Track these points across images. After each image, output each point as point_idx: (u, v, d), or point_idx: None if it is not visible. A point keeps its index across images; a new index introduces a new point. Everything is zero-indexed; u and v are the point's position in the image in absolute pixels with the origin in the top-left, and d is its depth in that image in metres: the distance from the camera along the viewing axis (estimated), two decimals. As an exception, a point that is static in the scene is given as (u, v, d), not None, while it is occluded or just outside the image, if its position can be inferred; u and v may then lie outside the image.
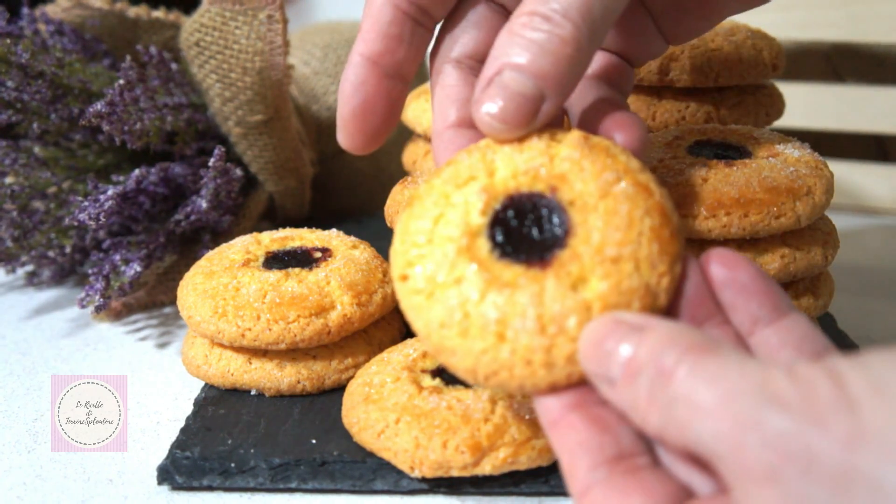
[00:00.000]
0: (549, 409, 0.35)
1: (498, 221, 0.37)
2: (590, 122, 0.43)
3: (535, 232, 0.36)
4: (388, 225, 0.58)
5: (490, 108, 0.36)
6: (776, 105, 0.63)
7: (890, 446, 0.26)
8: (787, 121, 0.76)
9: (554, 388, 0.35)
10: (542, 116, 0.37)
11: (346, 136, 0.42)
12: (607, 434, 0.34)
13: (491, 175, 0.38)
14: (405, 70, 0.41)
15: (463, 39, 0.42)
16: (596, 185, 0.36)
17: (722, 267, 0.36)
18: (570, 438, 0.34)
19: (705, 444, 0.29)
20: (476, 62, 0.42)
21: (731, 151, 0.53)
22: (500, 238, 0.36)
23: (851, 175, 0.83)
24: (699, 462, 0.33)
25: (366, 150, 0.42)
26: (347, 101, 0.41)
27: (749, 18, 0.67)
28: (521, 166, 0.37)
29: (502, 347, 0.35)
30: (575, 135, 0.38)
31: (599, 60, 0.47)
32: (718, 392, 0.29)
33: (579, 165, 0.37)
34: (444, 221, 0.37)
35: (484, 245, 0.36)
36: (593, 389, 0.35)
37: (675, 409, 0.30)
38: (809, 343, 0.35)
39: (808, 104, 0.82)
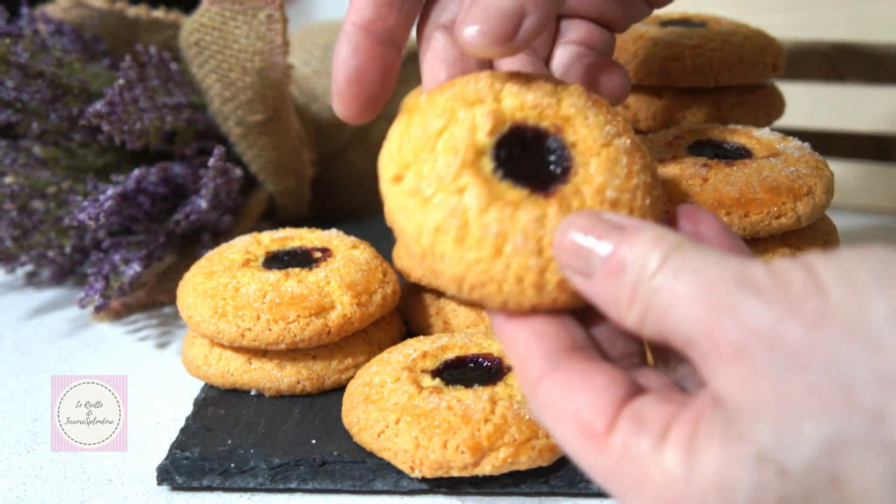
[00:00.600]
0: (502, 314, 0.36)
1: (504, 144, 0.37)
2: (575, 72, 0.46)
3: (538, 163, 0.37)
4: (389, 225, 0.58)
5: (472, 26, 0.37)
6: (776, 105, 0.63)
7: (850, 328, 0.28)
8: (787, 121, 0.76)
9: (534, 310, 0.35)
10: (523, 33, 0.37)
11: (341, 104, 0.42)
12: (562, 328, 0.35)
13: (498, 102, 0.38)
14: (397, 37, 0.42)
15: (451, 7, 0.43)
16: (599, 133, 0.38)
17: (688, 221, 0.37)
18: (524, 330, 0.35)
19: (682, 331, 0.30)
20: None
21: (731, 151, 0.53)
22: (504, 159, 0.36)
23: (851, 175, 0.83)
24: (662, 354, 0.35)
25: (361, 119, 0.43)
26: (342, 68, 0.42)
27: (749, 18, 0.66)
28: (528, 101, 0.38)
29: (497, 261, 0.35)
30: (578, 87, 0.39)
31: (580, 30, 0.48)
32: (698, 281, 0.30)
33: (583, 113, 0.38)
34: (449, 134, 0.37)
35: (488, 164, 0.36)
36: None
37: (655, 301, 0.31)
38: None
39: (808, 104, 0.82)
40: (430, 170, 0.36)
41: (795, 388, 0.28)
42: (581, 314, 0.36)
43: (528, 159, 0.37)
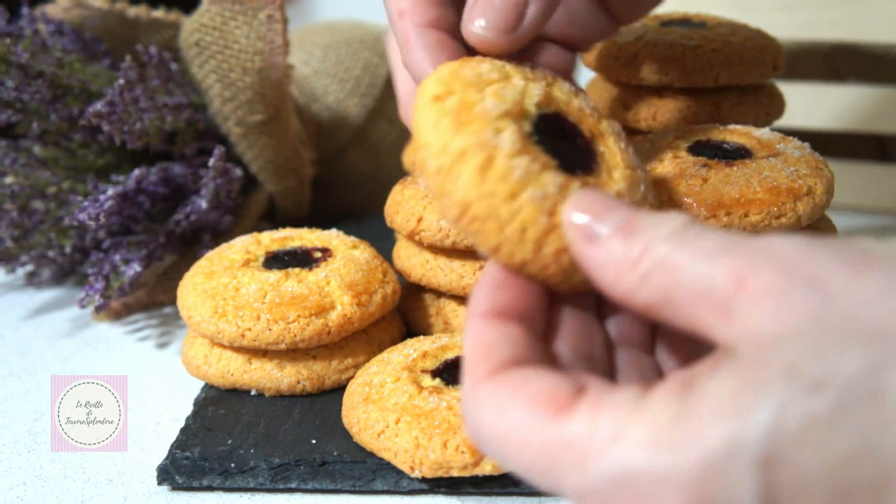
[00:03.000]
0: (481, 300, 0.34)
1: (544, 122, 0.37)
2: None
3: (571, 152, 0.38)
4: (389, 225, 0.58)
5: (478, 20, 0.38)
6: (776, 105, 0.63)
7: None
8: (787, 121, 0.76)
9: (520, 269, 0.35)
10: (527, 23, 0.38)
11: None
12: (532, 342, 0.33)
13: (550, 87, 0.39)
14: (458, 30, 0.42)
15: (429, 9, 0.43)
16: (627, 157, 0.40)
17: None
18: (490, 330, 0.33)
19: (696, 283, 0.29)
20: None
21: (732, 151, 0.53)
22: (542, 134, 0.37)
23: (851, 175, 0.83)
24: (639, 339, 0.35)
25: None
26: (419, 69, 0.41)
27: (749, 18, 0.67)
28: (574, 103, 0.40)
29: (509, 202, 0.34)
30: (613, 121, 0.42)
31: (545, 53, 0.48)
32: (720, 240, 0.29)
33: (617, 137, 0.41)
34: (501, 86, 0.37)
35: (528, 127, 0.37)
36: (531, 301, 0.35)
37: (668, 259, 0.30)
38: None
39: (808, 104, 0.82)
40: (474, 102, 0.36)
41: (836, 318, 0.26)
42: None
43: (562, 145, 0.38)
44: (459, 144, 0.35)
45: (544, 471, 0.30)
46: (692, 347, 0.36)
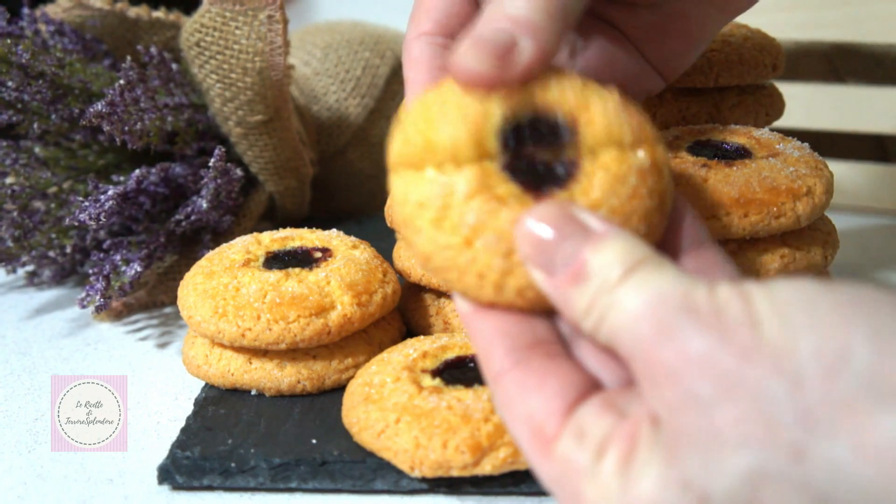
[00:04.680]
0: (466, 301, 0.36)
1: (518, 130, 0.36)
2: None
3: (545, 159, 0.36)
4: (389, 225, 0.58)
5: (461, 58, 0.36)
6: (776, 105, 0.63)
7: (778, 363, 0.28)
8: (787, 121, 0.76)
9: (491, 306, 0.36)
10: (519, 63, 0.36)
11: None
12: (524, 323, 0.35)
13: (525, 90, 0.37)
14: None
15: (430, 16, 0.44)
16: (617, 143, 0.37)
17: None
18: (488, 325, 0.36)
19: (627, 344, 0.31)
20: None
21: (731, 151, 0.53)
22: (513, 145, 0.36)
23: (851, 175, 0.83)
24: (612, 357, 0.35)
25: None
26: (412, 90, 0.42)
27: (749, 19, 0.66)
28: (554, 90, 0.37)
29: (465, 252, 0.35)
30: (614, 90, 0.39)
31: None
32: (647, 299, 0.31)
33: (605, 108, 0.37)
34: (466, 107, 0.36)
35: (493, 145, 0.36)
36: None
37: (609, 314, 0.32)
38: (720, 269, 0.38)
39: (808, 104, 0.82)
40: (432, 136, 0.36)
41: (722, 418, 0.29)
42: None
43: (536, 151, 0.36)
44: (416, 196, 0.35)
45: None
46: None
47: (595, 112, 0.37)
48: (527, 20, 0.36)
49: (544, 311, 0.36)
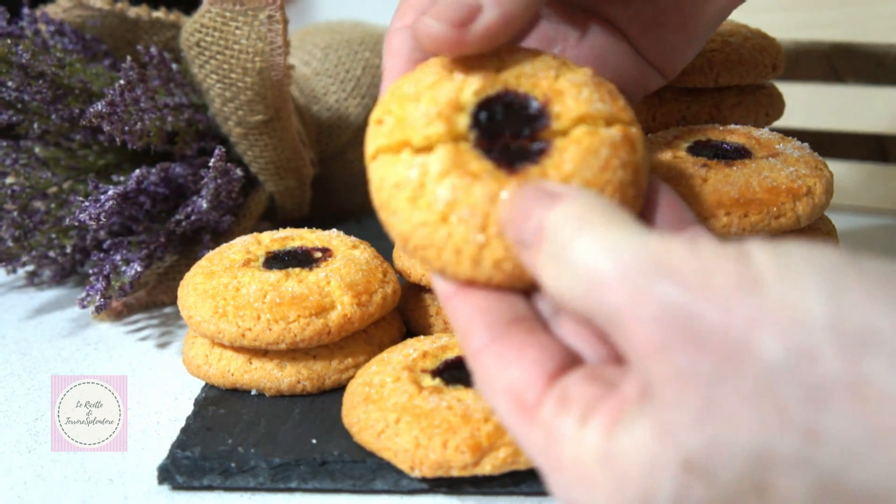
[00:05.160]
0: (448, 283, 0.36)
1: (487, 107, 0.37)
2: None
3: (516, 135, 0.37)
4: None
5: (427, 20, 0.37)
6: (776, 105, 0.63)
7: (786, 334, 0.26)
8: (787, 121, 0.76)
9: (470, 283, 0.36)
10: (480, 26, 0.36)
11: None
12: (503, 301, 0.35)
13: (498, 71, 0.38)
14: None
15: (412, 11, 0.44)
16: (588, 117, 0.37)
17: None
18: (467, 305, 0.35)
19: (603, 315, 0.29)
20: None
21: (731, 151, 0.53)
22: (484, 123, 0.37)
23: (851, 175, 0.83)
24: (593, 332, 0.34)
25: None
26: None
27: (749, 19, 0.67)
28: (527, 69, 0.38)
29: (441, 228, 0.35)
30: (587, 70, 0.39)
31: None
32: (617, 263, 0.29)
33: (579, 92, 0.38)
34: (437, 86, 0.37)
35: (464, 122, 0.37)
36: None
37: (576, 278, 0.30)
38: None
39: (808, 104, 0.82)
40: (405, 117, 0.37)
41: (726, 397, 0.27)
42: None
43: (507, 128, 0.37)
44: (392, 178, 0.36)
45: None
46: None
47: (567, 90, 0.38)
48: None
49: (524, 287, 0.36)
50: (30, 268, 0.75)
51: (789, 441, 0.26)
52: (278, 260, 0.57)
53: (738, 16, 0.67)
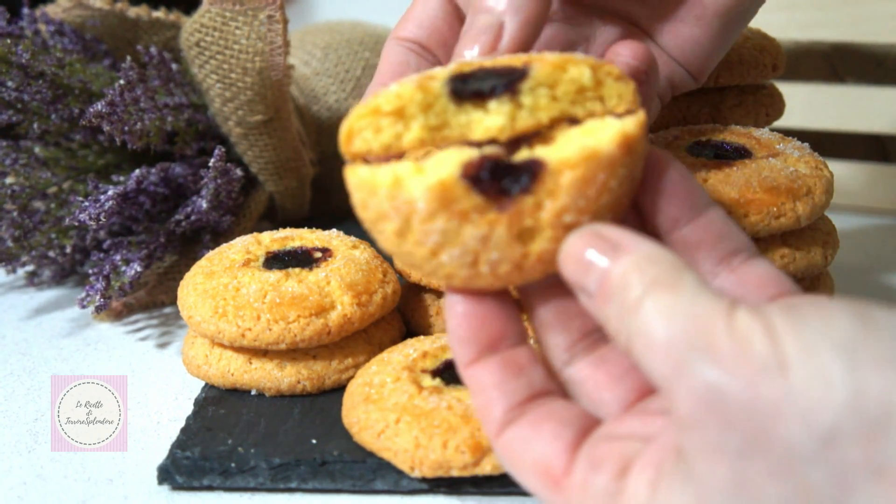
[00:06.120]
0: (466, 351, 0.36)
1: (461, 76, 0.36)
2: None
3: (491, 87, 0.36)
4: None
5: (467, 51, 0.40)
6: (776, 105, 0.63)
7: (810, 417, 0.27)
8: (787, 121, 0.76)
9: (463, 291, 0.36)
10: (507, 37, 0.40)
11: None
12: (521, 377, 0.36)
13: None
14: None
15: (409, 25, 0.46)
16: (582, 139, 0.35)
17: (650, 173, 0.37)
18: (486, 380, 0.36)
19: (653, 378, 0.31)
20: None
21: (731, 151, 0.53)
22: (456, 81, 0.36)
23: (851, 175, 0.83)
24: (610, 376, 0.36)
25: None
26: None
27: (749, 18, 0.66)
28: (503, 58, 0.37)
29: (430, 260, 0.35)
30: (587, 64, 0.37)
31: None
32: (666, 333, 0.30)
33: (560, 56, 0.36)
34: (408, 80, 0.36)
35: (437, 84, 0.36)
36: (508, 329, 0.36)
37: (636, 338, 0.31)
38: (725, 241, 0.36)
39: (808, 104, 0.82)
40: (379, 104, 0.36)
41: (754, 473, 0.28)
42: (540, 291, 0.37)
43: (483, 83, 0.36)
44: (375, 209, 0.35)
45: None
46: None
47: (547, 56, 0.36)
48: (507, 4, 0.40)
49: (517, 284, 0.36)
50: (30, 268, 0.75)
51: None
52: (278, 260, 0.57)
53: None
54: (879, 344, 0.27)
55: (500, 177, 0.34)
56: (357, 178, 0.35)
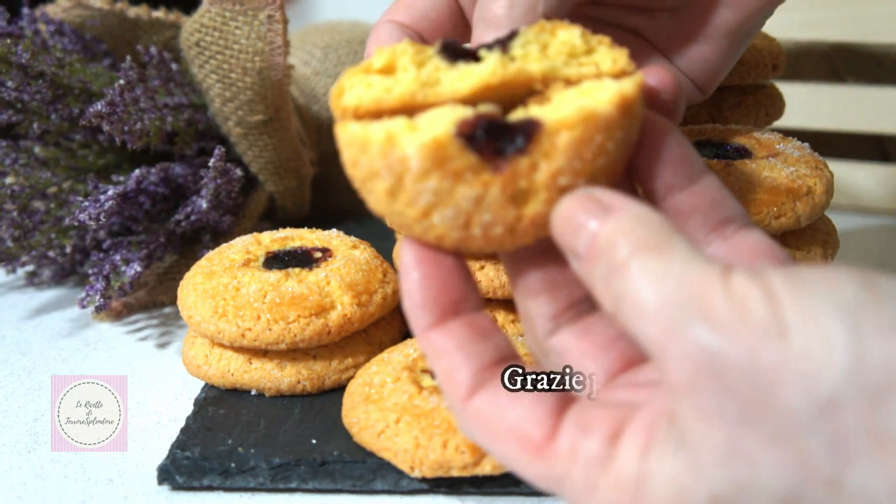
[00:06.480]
0: (425, 315, 0.35)
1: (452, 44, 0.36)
2: None
3: (481, 46, 0.36)
4: (388, 225, 0.58)
5: (498, 5, 0.38)
6: (776, 105, 0.63)
7: (810, 383, 0.26)
8: (787, 121, 0.76)
9: (420, 252, 0.35)
10: (542, 6, 0.38)
11: None
12: (487, 340, 0.34)
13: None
14: None
15: (402, 9, 0.45)
16: (580, 100, 0.34)
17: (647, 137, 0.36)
18: (448, 344, 0.34)
19: (642, 343, 0.30)
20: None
21: (731, 151, 0.53)
22: (447, 44, 0.35)
23: (851, 175, 0.83)
24: (594, 344, 0.35)
25: None
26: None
27: (749, 18, 0.66)
28: (510, 69, 0.36)
29: (421, 221, 0.34)
30: (574, 31, 0.37)
31: None
32: (656, 296, 0.29)
33: (569, 70, 0.36)
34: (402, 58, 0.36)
35: (429, 50, 0.36)
36: (468, 293, 0.35)
37: (623, 301, 0.30)
38: (718, 209, 0.35)
39: (808, 104, 0.82)
40: (370, 62, 0.35)
41: (751, 439, 0.27)
42: (528, 258, 0.36)
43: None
44: (367, 165, 0.34)
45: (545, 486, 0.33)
46: None
47: (558, 80, 0.36)
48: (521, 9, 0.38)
49: (505, 249, 0.35)
50: (30, 268, 0.75)
51: (813, 490, 0.27)
52: (278, 260, 0.56)
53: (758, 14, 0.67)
54: (882, 311, 0.27)
55: (496, 136, 0.33)
56: (348, 135, 0.34)
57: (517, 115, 0.34)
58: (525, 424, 0.32)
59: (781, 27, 0.78)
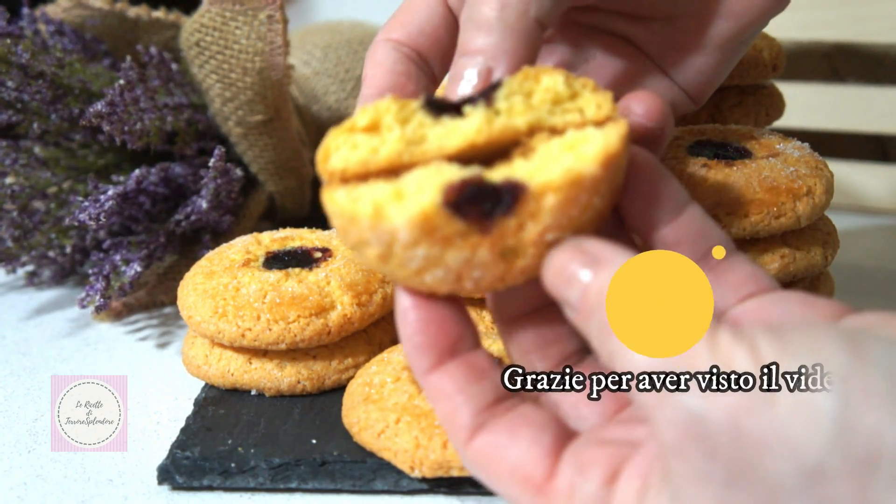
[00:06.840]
0: (425, 359, 0.35)
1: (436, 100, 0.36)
2: None
3: (465, 100, 0.36)
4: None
5: (455, 91, 0.38)
6: (776, 105, 0.63)
7: (795, 452, 0.26)
8: (787, 121, 0.76)
9: (415, 294, 0.35)
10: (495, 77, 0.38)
11: None
12: (484, 380, 0.35)
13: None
14: None
15: (397, 27, 0.44)
16: (564, 158, 0.34)
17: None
18: (448, 386, 0.35)
19: (634, 402, 0.31)
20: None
21: (731, 151, 0.53)
22: (431, 98, 0.36)
23: (851, 175, 0.83)
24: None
25: None
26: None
27: (749, 18, 0.66)
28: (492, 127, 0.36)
29: (414, 279, 0.34)
30: (557, 77, 0.37)
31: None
32: (644, 360, 0.29)
33: (551, 127, 0.36)
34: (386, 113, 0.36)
35: (414, 104, 0.36)
36: (464, 331, 0.35)
37: (614, 360, 0.30)
38: (703, 239, 0.36)
39: (808, 104, 0.82)
40: (355, 121, 0.35)
41: (740, 503, 0.27)
42: (518, 321, 0.37)
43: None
44: (356, 237, 0.34)
45: None
46: None
47: (539, 141, 0.36)
48: (495, 49, 0.37)
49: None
50: (30, 268, 0.75)
51: None
52: (278, 260, 0.57)
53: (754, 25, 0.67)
54: (870, 379, 0.26)
55: (482, 200, 0.33)
56: (336, 207, 0.34)
57: (502, 172, 0.34)
58: (524, 464, 0.33)
59: (781, 27, 0.78)
